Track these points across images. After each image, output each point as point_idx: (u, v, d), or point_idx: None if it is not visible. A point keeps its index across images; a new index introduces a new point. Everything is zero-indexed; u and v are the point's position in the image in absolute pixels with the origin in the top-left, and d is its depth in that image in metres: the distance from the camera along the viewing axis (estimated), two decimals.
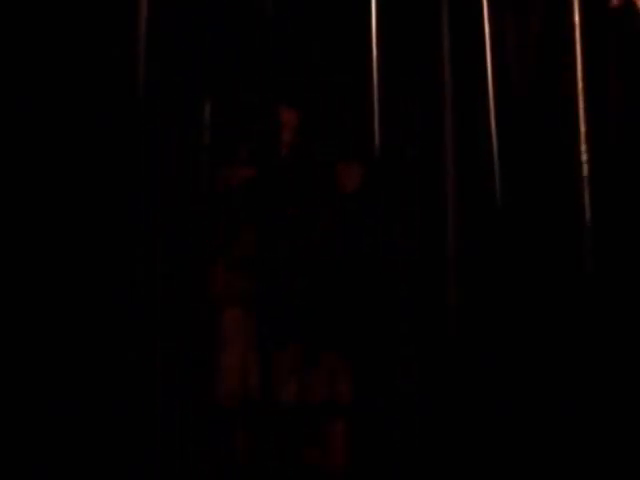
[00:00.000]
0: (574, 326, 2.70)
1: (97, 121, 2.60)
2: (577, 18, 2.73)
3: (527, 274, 2.77)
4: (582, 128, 2.69)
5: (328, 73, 3.24)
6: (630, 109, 2.85)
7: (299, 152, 2.90)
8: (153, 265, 2.56)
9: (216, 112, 3.01)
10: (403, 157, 2.89)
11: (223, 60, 3.05)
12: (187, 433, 2.52)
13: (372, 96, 2.63)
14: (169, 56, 2.66)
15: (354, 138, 3.08)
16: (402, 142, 2.89)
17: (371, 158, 2.73)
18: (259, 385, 2.53)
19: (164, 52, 2.66)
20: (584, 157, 2.68)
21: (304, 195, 2.90)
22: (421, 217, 2.92)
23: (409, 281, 2.74)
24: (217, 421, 2.71)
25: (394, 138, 2.75)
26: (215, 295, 2.80)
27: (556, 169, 2.83)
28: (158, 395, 2.42)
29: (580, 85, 2.70)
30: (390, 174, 2.74)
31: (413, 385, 2.65)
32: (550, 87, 2.88)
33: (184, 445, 2.50)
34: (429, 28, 2.86)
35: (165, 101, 2.66)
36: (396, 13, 2.84)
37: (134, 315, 2.52)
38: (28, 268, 2.47)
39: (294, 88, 2.70)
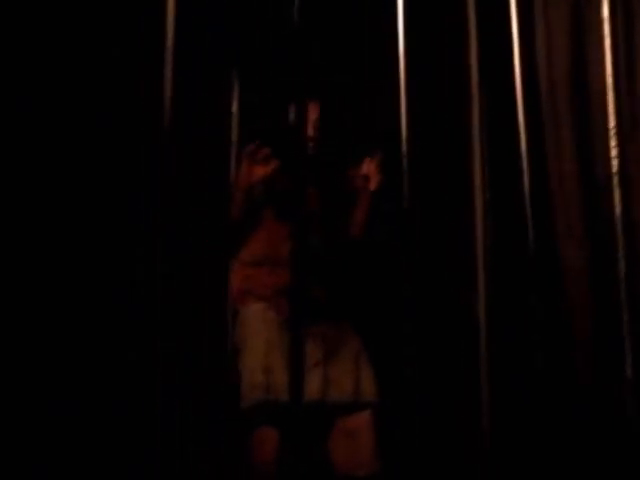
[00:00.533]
0: None
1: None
2: (606, 12, 2.69)
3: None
4: (611, 123, 2.64)
5: (352, 68, 3.24)
6: None
7: (321, 147, 2.90)
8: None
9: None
10: (429, 154, 2.88)
11: (245, 55, 3.05)
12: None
13: (399, 92, 2.59)
14: (187, 53, 2.63)
15: (378, 134, 3.08)
16: (428, 139, 2.86)
17: (397, 155, 2.69)
18: (285, 379, 2.52)
19: (181, 49, 2.62)
20: (614, 153, 2.63)
21: (326, 190, 2.90)
22: (448, 215, 2.92)
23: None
24: (237, 419, 2.71)
25: (420, 134, 2.71)
26: (236, 291, 2.81)
27: (584, 163, 2.80)
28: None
29: (609, 80, 2.66)
30: (415, 171, 2.69)
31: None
32: (579, 82, 2.84)
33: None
34: (456, 23, 2.83)
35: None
36: (423, 8, 2.81)
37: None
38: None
39: (315, 83, 2.67)
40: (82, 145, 2.59)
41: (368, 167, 2.96)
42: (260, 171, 2.77)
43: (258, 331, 2.74)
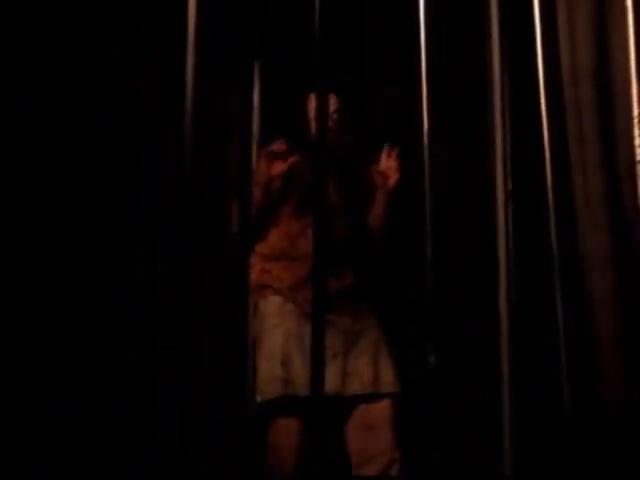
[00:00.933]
0: None
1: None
2: (629, 0, 2.66)
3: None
4: (635, 111, 2.62)
5: (372, 60, 3.22)
6: None
7: (339, 140, 2.89)
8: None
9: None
10: (450, 145, 2.86)
11: (266, 48, 3.04)
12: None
13: (420, 83, 2.57)
14: (208, 47, 2.61)
15: (397, 131, 3.07)
16: (450, 130, 2.83)
17: (418, 147, 2.67)
18: (304, 373, 2.51)
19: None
20: (637, 141, 2.60)
21: (345, 183, 2.90)
22: (469, 207, 2.89)
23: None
24: (254, 414, 2.71)
25: (442, 126, 2.68)
26: (254, 284, 2.81)
27: (607, 152, 2.77)
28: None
29: (633, 68, 2.63)
30: (436, 163, 2.67)
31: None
32: (602, 70, 2.81)
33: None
34: (478, 12, 2.80)
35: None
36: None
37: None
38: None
39: (336, 75, 2.66)
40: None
41: (386, 163, 2.95)
42: (278, 167, 2.77)
43: (276, 324, 2.75)
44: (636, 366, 2.61)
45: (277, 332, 2.73)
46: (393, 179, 2.92)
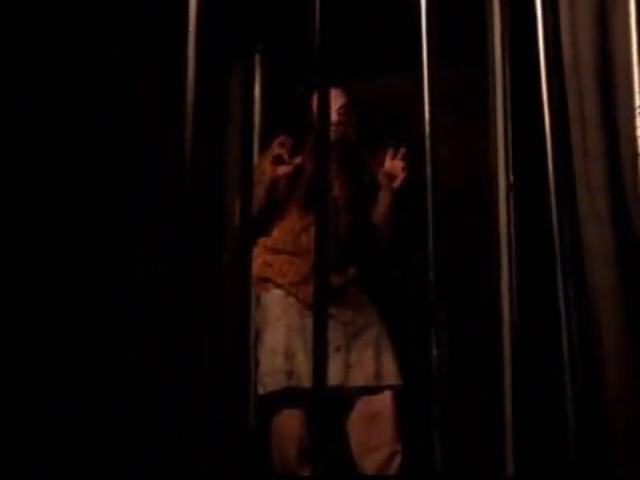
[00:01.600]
0: None
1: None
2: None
3: None
4: (637, 102, 2.60)
5: (373, 54, 3.22)
6: None
7: (344, 136, 2.88)
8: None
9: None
10: (452, 136, 2.84)
11: (268, 40, 3.04)
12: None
13: (421, 73, 2.56)
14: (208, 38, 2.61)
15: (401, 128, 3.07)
16: (451, 120, 2.83)
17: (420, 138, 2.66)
18: (306, 365, 2.52)
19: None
20: (638, 132, 2.59)
21: (349, 181, 2.89)
22: (470, 199, 2.89)
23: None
24: (255, 408, 2.71)
25: (443, 116, 2.68)
26: (255, 277, 2.81)
27: (609, 143, 2.76)
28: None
29: (634, 58, 2.62)
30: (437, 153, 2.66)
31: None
32: (603, 61, 2.80)
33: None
34: (478, 1, 2.80)
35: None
36: None
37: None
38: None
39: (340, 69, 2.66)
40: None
41: (391, 164, 2.94)
42: (284, 169, 2.77)
43: (278, 317, 2.76)
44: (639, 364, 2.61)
45: (279, 325, 2.75)
46: (398, 180, 2.92)
